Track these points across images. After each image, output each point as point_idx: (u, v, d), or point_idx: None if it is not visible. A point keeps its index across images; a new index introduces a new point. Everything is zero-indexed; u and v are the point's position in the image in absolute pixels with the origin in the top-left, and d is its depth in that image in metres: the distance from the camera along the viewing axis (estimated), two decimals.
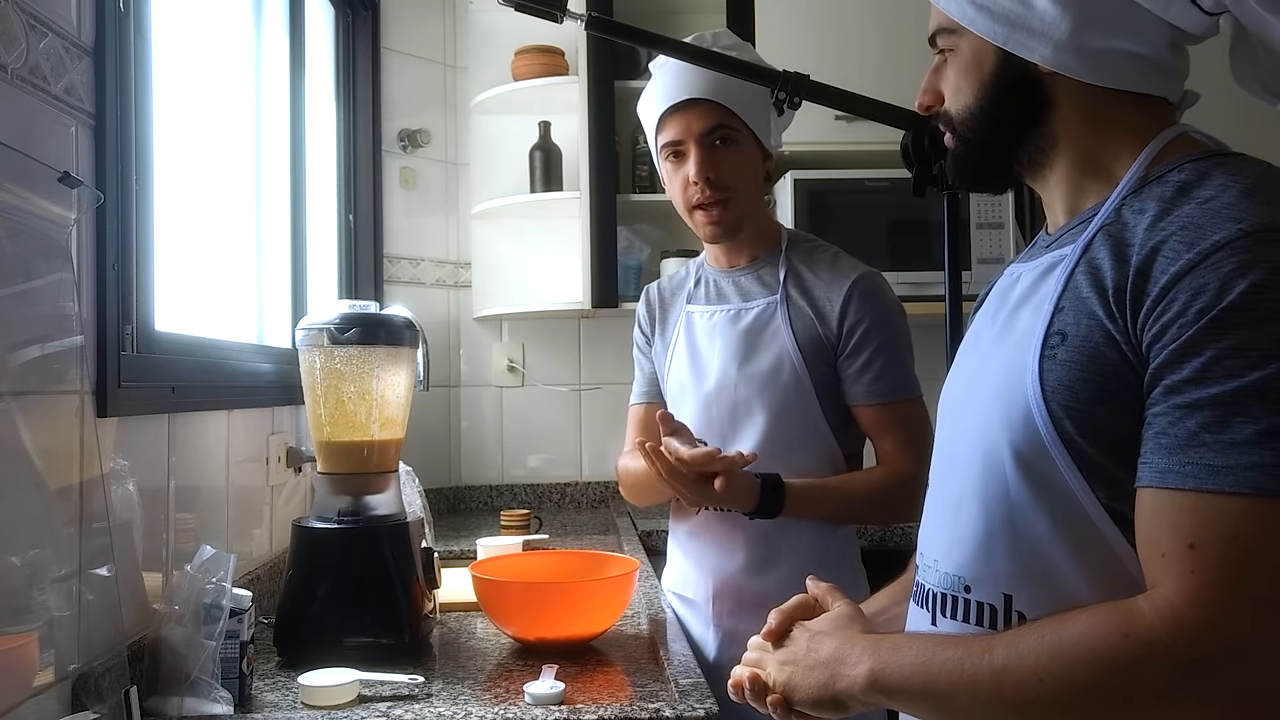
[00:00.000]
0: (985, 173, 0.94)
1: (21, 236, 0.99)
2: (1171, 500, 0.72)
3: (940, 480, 0.94)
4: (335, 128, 2.57)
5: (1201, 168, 0.79)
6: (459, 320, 3.01)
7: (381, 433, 1.50)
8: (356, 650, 1.34)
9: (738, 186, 1.57)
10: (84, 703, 1.05)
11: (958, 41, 0.90)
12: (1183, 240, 0.74)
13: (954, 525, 0.88)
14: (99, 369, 1.16)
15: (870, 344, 1.55)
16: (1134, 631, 0.71)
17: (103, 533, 1.10)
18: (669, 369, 1.71)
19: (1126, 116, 0.86)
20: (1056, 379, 0.79)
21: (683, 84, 1.55)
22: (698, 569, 1.62)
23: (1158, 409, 0.73)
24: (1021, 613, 0.81)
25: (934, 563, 0.90)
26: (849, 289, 1.55)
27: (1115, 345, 0.76)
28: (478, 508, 2.97)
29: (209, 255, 1.71)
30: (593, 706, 1.15)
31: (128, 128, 1.26)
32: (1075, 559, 0.78)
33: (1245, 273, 0.70)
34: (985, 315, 0.96)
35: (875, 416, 1.57)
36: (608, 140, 2.75)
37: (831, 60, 1.59)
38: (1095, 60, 0.84)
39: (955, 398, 0.95)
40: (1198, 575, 0.69)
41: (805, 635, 0.94)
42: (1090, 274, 0.80)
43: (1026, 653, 0.75)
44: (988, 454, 0.83)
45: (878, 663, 0.84)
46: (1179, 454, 0.71)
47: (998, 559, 0.83)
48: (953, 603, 0.87)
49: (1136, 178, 0.83)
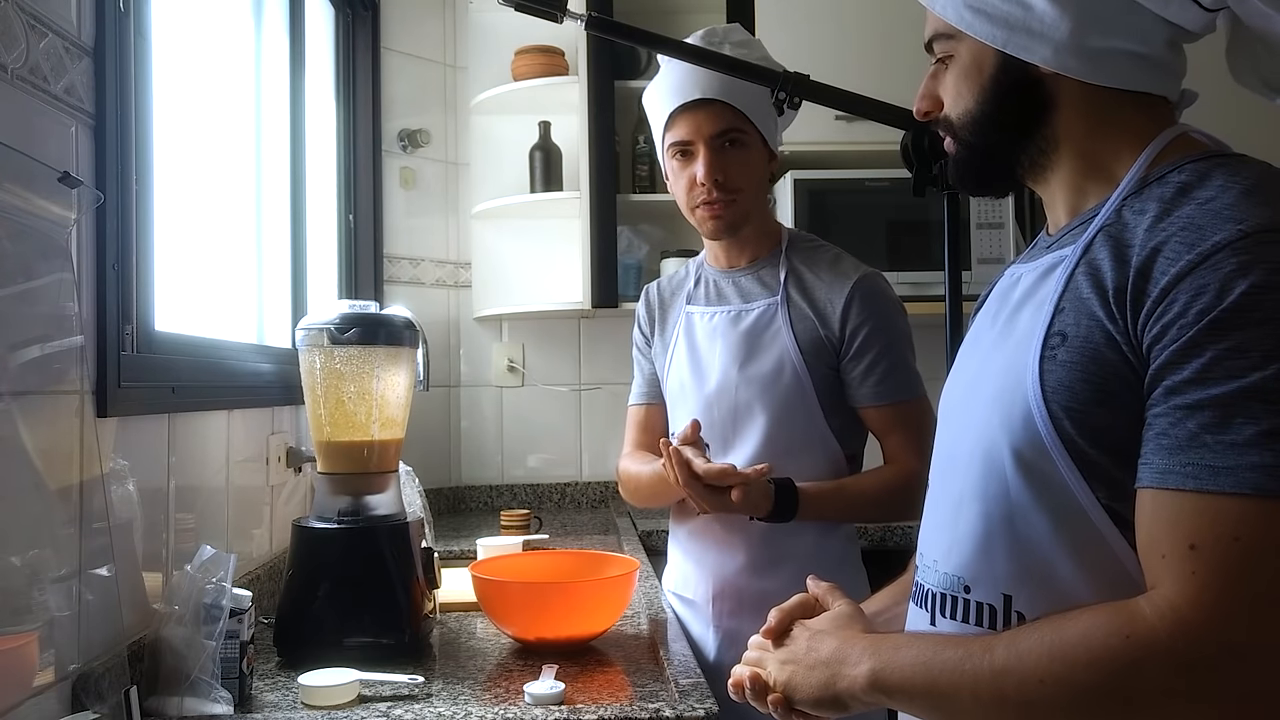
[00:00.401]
0: (987, 176, 0.94)
1: (21, 236, 0.99)
2: (1172, 501, 0.72)
3: (940, 481, 0.94)
4: (335, 128, 2.57)
5: (1202, 168, 0.79)
6: (459, 320, 3.01)
7: (381, 433, 1.50)
8: (356, 650, 1.34)
9: (745, 188, 1.57)
10: (84, 703, 1.05)
11: (956, 46, 0.89)
12: (1183, 241, 0.74)
13: (953, 526, 0.88)
14: (99, 369, 1.16)
15: (874, 346, 1.55)
16: (1135, 632, 0.71)
17: (103, 533, 1.10)
18: (669, 370, 1.71)
19: (1127, 116, 0.86)
20: (1057, 379, 0.79)
21: (694, 83, 1.54)
22: (698, 569, 1.62)
23: (1158, 410, 0.73)
24: (1021, 613, 0.81)
25: (934, 563, 0.90)
26: (850, 291, 1.55)
27: (1115, 346, 0.76)
28: (478, 508, 2.97)
29: (209, 255, 1.71)
30: (593, 706, 1.15)
31: (128, 128, 1.26)
32: (1075, 559, 0.78)
33: (1245, 274, 0.70)
34: (985, 316, 0.96)
35: (882, 417, 1.57)
36: (608, 140, 2.75)
37: (831, 60, 1.59)
38: (1096, 60, 0.84)
39: (955, 399, 0.95)
40: (1198, 576, 0.69)
41: (806, 634, 0.94)
42: (1090, 275, 0.80)
43: (1027, 653, 0.75)
44: (987, 454, 0.83)
45: (879, 662, 0.84)
46: (1179, 454, 0.71)
47: (997, 559, 0.83)
48: (952, 603, 0.87)
49: (1137, 178, 0.83)
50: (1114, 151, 0.86)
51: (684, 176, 1.58)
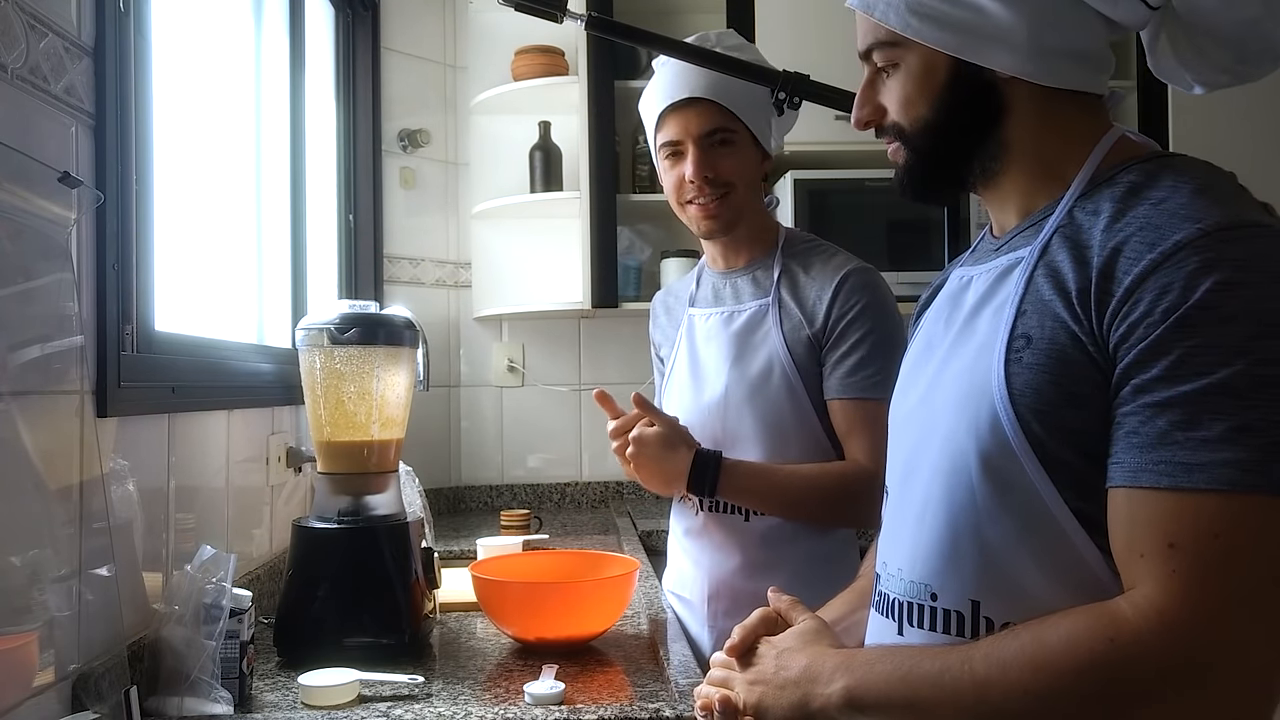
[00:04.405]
0: (937, 183, 0.93)
1: (21, 236, 0.99)
2: (1147, 499, 0.72)
3: (901, 489, 0.93)
4: (335, 128, 2.57)
5: (1149, 169, 0.80)
6: (459, 320, 3.01)
7: (381, 433, 1.50)
8: (356, 650, 1.34)
9: (735, 184, 1.55)
10: (84, 703, 1.05)
11: (902, 54, 0.88)
12: (1143, 241, 0.74)
13: (917, 533, 0.87)
14: (99, 369, 1.16)
15: (852, 336, 1.50)
16: (1119, 635, 0.70)
17: (103, 533, 1.10)
18: (671, 370, 1.71)
19: (1072, 117, 0.87)
20: (1023, 382, 0.79)
21: (683, 82, 1.54)
22: (695, 569, 1.62)
23: (1127, 408, 0.74)
24: (989, 618, 0.81)
25: (898, 571, 0.89)
26: (839, 281, 1.52)
27: (1081, 346, 0.76)
28: (478, 508, 2.97)
29: (209, 255, 1.71)
30: (593, 706, 1.15)
31: (128, 128, 1.26)
32: (1042, 563, 0.78)
33: (1209, 271, 0.70)
34: (936, 320, 0.95)
35: (846, 412, 1.50)
36: (608, 140, 2.75)
37: (831, 60, 1.59)
38: (1050, 62, 0.84)
39: (910, 405, 0.94)
40: (1179, 574, 0.69)
41: (773, 653, 0.92)
42: (1050, 276, 0.80)
43: (1009, 663, 0.74)
44: (953, 460, 0.83)
45: (853, 680, 0.83)
46: (1151, 452, 0.72)
47: (964, 565, 0.82)
48: (919, 611, 0.86)
49: (1087, 179, 0.83)
50: (1063, 153, 0.86)
51: (674, 175, 1.57)
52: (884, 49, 0.89)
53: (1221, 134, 2.59)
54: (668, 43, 1.49)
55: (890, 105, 0.90)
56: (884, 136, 0.93)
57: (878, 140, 0.94)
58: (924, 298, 1.06)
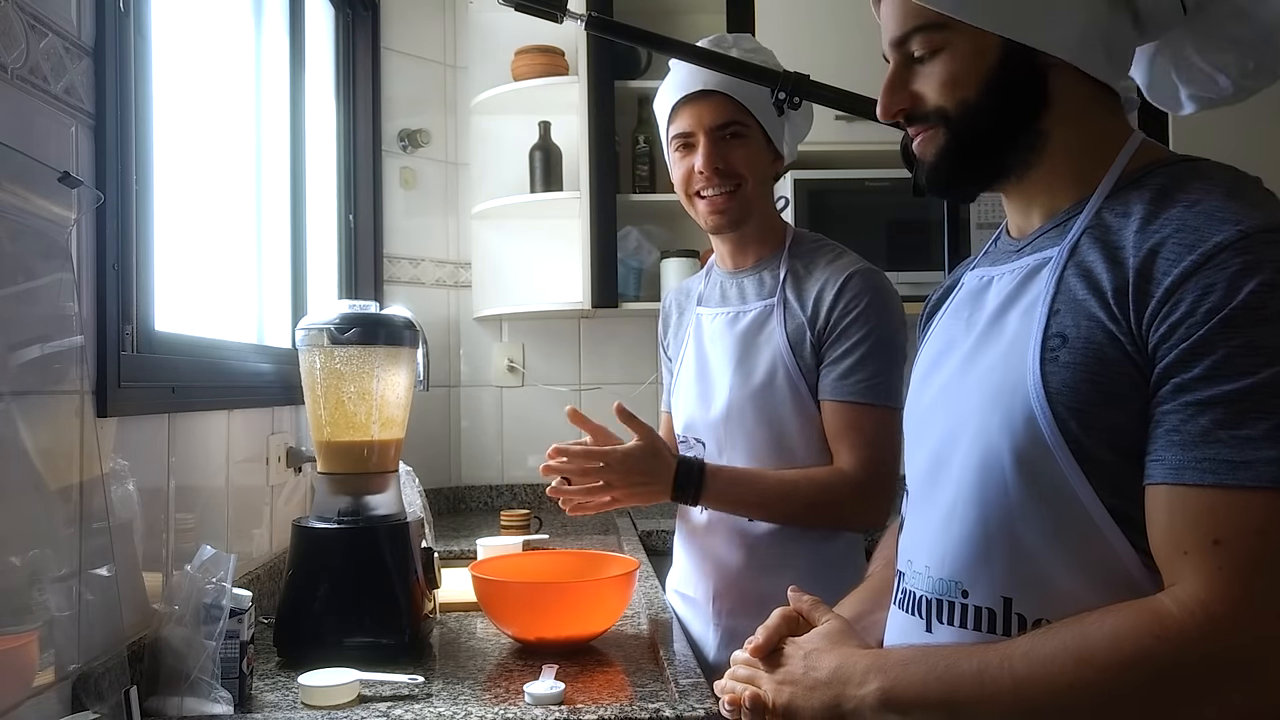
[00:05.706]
0: (971, 173, 0.90)
1: (21, 236, 0.99)
2: (1190, 496, 0.72)
3: (926, 487, 0.92)
4: (335, 128, 2.57)
5: (1175, 172, 0.80)
6: (459, 320, 3.01)
7: (381, 433, 1.50)
8: (356, 650, 1.34)
9: (746, 178, 1.54)
10: (84, 703, 1.05)
11: (947, 38, 0.86)
12: (1181, 242, 0.75)
13: (945, 530, 0.87)
14: (99, 369, 1.16)
15: (852, 336, 1.48)
16: (1165, 632, 0.71)
17: (103, 533, 1.10)
18: (678, 370, 1.71)
19: (1104, 116, 0.87)
20: (1060, 380, 0.79)
21: (697, 76, 1.53)
22: (700, 567, 1.62)
23: (1167, 407, 0.74)
24: (1021, 615, 0.81)
25: (925, 569, 0.89)
26: (844, 280, 1.50)
27: (1119, 345, 0.77)
28: (478, 508, 2.97)
29: (209, 255, 1.71)
30: (593, 706, 1.15)
31: (128, 128, 1.25)
32: (1074, 560, 0.78)
33: (1252, 273, 0.71)
34: (955, 321, 0.95)
35: (836, 415, 1.49)
36: (608, 140, 2.75)
37: (831, 60, 1.59)
38: (1097, 53, 0.84)
39: (932, 403, 0.94)
40: (1225, 571, 0.70)
41: (800, 653, 0.91)
42: (1083, 276, 0.80)
43: (1051, 660, 0.74)
44: (984, 457, 0.83)
45: (887, 680, 0.82)
46: (1194, 450, 0.72)
47: (996, 562, 0.82)
48: (949, 608, 0.86)
49: (1114, 180, 0.84)
50: (1093, 153, 0.86)
51: (684, 166, 1.57)
52: (927, 33, 0.86)
53: (1222, 134, 2.59)
54: (668, 43, 1.49)
55: (929, 90, 0.88)
56: (914, 125, 0.90)
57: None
58: (933, 299, 1.05)
